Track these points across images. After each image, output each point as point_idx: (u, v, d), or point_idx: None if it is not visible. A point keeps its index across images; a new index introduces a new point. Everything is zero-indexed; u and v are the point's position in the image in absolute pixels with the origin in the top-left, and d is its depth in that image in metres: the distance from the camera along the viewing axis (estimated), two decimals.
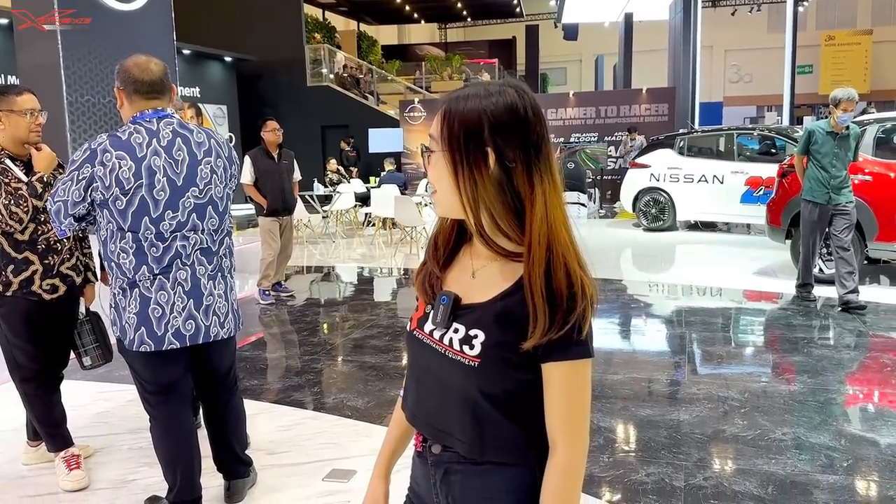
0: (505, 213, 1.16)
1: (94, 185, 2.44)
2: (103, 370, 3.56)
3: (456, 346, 1.20)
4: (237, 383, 3.02)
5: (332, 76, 19.15)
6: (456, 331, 1.21)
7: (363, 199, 13.14)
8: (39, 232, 3.00)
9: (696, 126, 15.55)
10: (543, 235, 1.13)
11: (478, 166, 1.14)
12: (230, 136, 16.04)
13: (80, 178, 2.44)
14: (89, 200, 2.47)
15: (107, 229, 2.53)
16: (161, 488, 2.96)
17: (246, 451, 3.07)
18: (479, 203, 1.16)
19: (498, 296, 1.18)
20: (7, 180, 2.96)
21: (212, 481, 2.99)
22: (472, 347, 1.17)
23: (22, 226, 2.93)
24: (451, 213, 1.23)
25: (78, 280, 3.16)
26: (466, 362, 1.17)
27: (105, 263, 2.61)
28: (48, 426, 3.19)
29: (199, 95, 16.12)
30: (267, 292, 7.06)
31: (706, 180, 10.45)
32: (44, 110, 3.10)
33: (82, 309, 3.27)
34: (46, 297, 3.03)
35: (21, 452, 3.48)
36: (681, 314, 6.32)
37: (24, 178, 3.00)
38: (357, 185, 13.67)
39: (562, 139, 15.32)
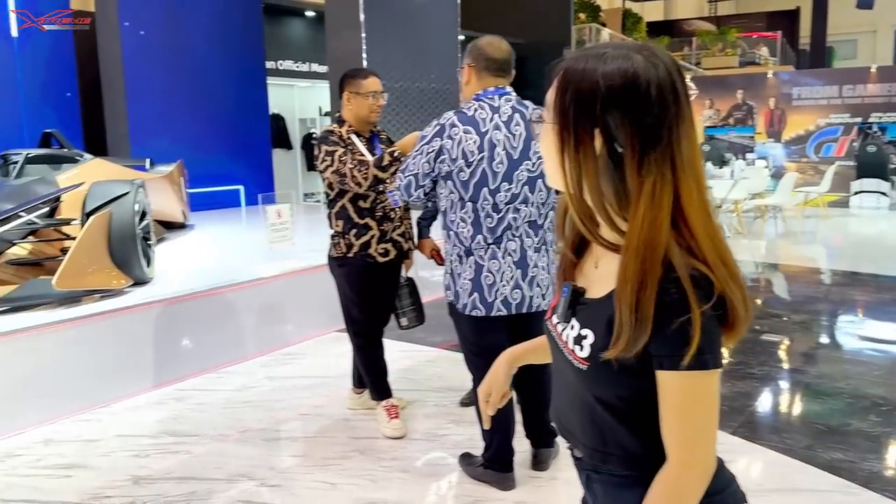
0: (606, 205, 1.01)
1: (442, 157, 2.63)
2: (409, 332, 3.82)
3: (570, 344, 1.10)
4: None
5: None
6: (573, 327, 1.10)
7: None
8: (378, 201, 3.30)
9: None
10: (642, 242, 0.96)
11: (584, 147, 1.00)
12: None
13: (429, 150, 2.65)
14: (436, 172, 2.67)
15: (448, 199, 2.71)
16: (469, 446, 3.15)
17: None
18: (582, 187, 1.02)
19: (609, 294, 1.04)
20: (353, 150, 3.28)
21: (517, 447, 3.10)
22: (581, 348, 1.07)
23: (361, 189, 3.16)
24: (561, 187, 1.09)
25: (405, 246, 3.44)
26: (576, 364, 1.08)
27: (444, 232, 2.81)
28: (374, 376, 3.53)
29: None
30: None
31: None
32: (384, 92, 3.39)
33: (403, 274, 3.56)
34: (380, 259, 3.34)
35: (345, 397, 3.90)
36: None
37: (367, 155, 3.30)
38: None
39: (859, 118, 13.65)
